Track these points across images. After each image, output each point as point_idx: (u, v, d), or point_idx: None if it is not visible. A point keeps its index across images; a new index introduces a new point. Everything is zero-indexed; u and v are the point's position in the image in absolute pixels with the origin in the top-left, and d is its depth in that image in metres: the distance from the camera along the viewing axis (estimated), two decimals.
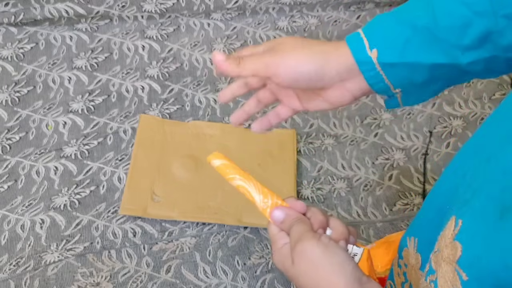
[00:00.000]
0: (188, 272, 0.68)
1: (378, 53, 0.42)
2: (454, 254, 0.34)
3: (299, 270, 0.41)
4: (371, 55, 0.42)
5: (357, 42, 0.43)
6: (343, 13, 1.01)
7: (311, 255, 0.41)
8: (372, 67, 0.43)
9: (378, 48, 0.42)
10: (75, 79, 0.87)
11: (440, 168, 0.83)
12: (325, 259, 0.40)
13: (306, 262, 0.41)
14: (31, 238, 0.71)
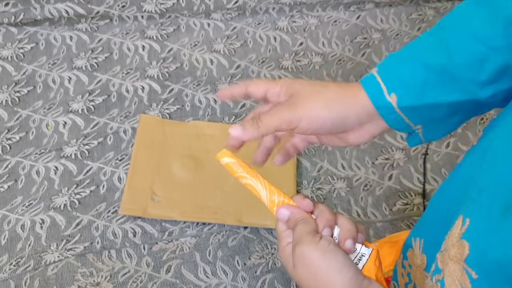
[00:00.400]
0: (188, 272, 0.68)
1: (397, 98, 0.42)
2: (461, 252, 0.34)
3: (299, 274, 0.41)
4: (390, 100, 0.43)
5: (374, 87, 0.43)
6: (343, 13, 1.01)
7: (309, 259, 0.40)
8: (392, 111, 0.43)
9: (397, 92, 0.42)
10: (75, 79, 0.87)
11: (440, 168, 0.83)
12: (323, 264, 0.40)
13: (304, 267, 0.41)
14: (31, 238, 0.71)
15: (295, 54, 0.95)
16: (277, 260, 0.70)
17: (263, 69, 0.93)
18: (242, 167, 0.47)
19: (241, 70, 0.92)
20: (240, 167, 0.47)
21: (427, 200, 0.80)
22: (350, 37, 0.99)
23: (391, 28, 1.01)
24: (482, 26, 0.41)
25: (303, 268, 0.41)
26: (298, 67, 0.94)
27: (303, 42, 0.97)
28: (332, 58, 0.96)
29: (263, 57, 0.94)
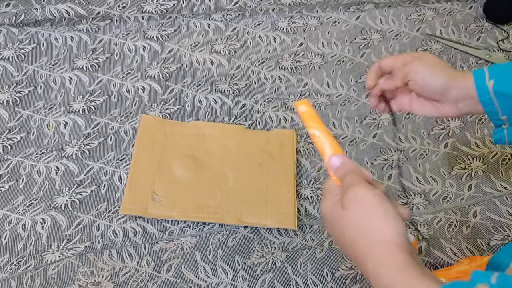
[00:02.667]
0: (189, 272, 0.68)
1: (494, 83, 0.51)
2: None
3: (349, 215, 0.41)
4: (488, 84, 0.51)
5: (480, 73, 0.52)
6: (343, 14, 1.01)
7: (364, 202, 0.41)
8: (487, 92, 0.52)
9: (495, 79, 0.51)
10: (76, 79, 0.87)
11: (439, 168, 0.84)
12: (379, 210, 0.40)
13: (358, 208, 0.41)
14: (32, 237, 0.71)
15: (294, 54, 0.96)
16: (277, 259, 0.71)
17: (263, 69, 0.93)
18: (315, 119, 0.50)
19: (241, 71, 0.92)
20: (313, 118, 0.50)
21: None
22: (349, 37, 0.99)
23: (391, 29, 1.01)
24: None
25: (357, 209, 0.41)
26: (298, 67, 0.94)
27: (302, 43, 0.97)
28: (331, 59, 0.96)
29: (263, 57, 0.95)
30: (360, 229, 0.40)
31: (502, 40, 1.02)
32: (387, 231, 0.39)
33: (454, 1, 1.06)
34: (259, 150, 0.81)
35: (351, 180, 0.43)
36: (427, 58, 0.55)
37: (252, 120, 0.86)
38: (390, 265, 0.38)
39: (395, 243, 0.39)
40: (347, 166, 0.46)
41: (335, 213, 0.43)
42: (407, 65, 0.55)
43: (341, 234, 0.42)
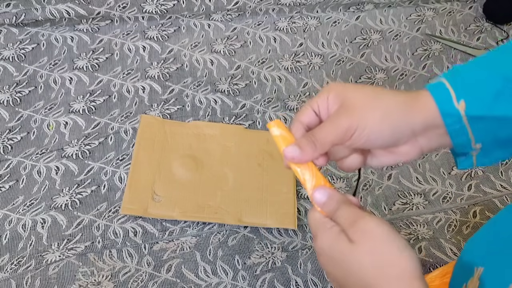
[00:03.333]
0: (189, 272, 0.68)
1: (466, 105, 0.38)
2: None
3: (361, 250, 0.36)
4: (458, 107, 0.38)
5: (442, 92, 0.39)
6: (343, 14, 1.01)
7: (377, 233, 0.36)
8: (458, 119, 0.39)
9: (466, 99, 0.38)
10: (76, 79, 0.88)
11: (439, 168, 0.84)
12: (393, 239, 0.36)
13: (372, 240, 0.36)
14: (32, 237, 0.71)
15: (294, 54, 0.96)
16: (277, 259, 0.71)
17: (263, 69, 0.93)
18: (290, 143, 0.42)
19: (241, 71, 0.92)
20: (289, 143, 0.43)
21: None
22: (349, 37, 0.99)
23: (390, 29, 1.01)
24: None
25: (370, 242, 0.36)
26: (298, 67, 0.94)
27: (302, 43, 0.97)
28: (331, 59, 0.96)
29: (263, 57, 0.95)
30: (375, 264, 0.36)
31: (502, 40, 1.02)
32: (404, 263, 0.36)
33: (454, 1, 1.06)
34: (259, 150, 0.81)
35: (351, 212, 0.38)
36: (354, 98, 0.40)
37: (252, 120, 0.86)
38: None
39: (414, 276, 0.35)
40: (335, 198, 0.40)
41: (340, 248, 0.37)
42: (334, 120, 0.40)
43: (348, 271, 0.37)
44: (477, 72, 0.39)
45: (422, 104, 0.39)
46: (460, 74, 0.40)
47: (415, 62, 0.98)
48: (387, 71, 0.96)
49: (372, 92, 0.40)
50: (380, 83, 0.94)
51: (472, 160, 0.43)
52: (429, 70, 0.97)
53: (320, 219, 0.40)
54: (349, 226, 0.38)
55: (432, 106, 0.39)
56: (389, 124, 0.39)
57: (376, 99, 0.40)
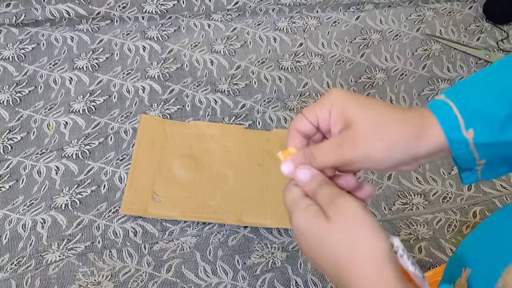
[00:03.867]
0: (189, 272, 0.68)
1: (475, 134, 0.37)
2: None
3: (336, 227, 0.37)
4: (467, 136, 0.38)
5: (451, 120, 0.38)
6: (342, 14, 1.01)
7: (354, 211, 0.37)
8: (465, 146, 0.38)
9: (475, 128, 0.37)
10: (76, 79, 0.88)
11: (439, 168, 0.84)
12: (367, 219, 0.36)
13: (346, 219, 0.37)
14: (32, 237, 0.71)
15: (294, 54, 0.96)
16: (277, 259, 0.71)
17: (263, 69, 0.93)
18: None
19: (241, 71, 0.92)
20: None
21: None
22: (349, 37, 0.99)
23: (390, 29, 1.01)
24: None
25: (346, 219, 0.36)
26: (298, 67, 0.94)
27: (302, 43, 0.97)
28: (331, 59, 0.96)
29: (263, 57, 0.95)
30: (347, 242, 0.36)
31: (502, 40, 1.02)
32: (376, 243, 0.36)
33: (454, 1, 1.06)
34: (259, 150, 0.81)
35: (333, 190, 0.38)
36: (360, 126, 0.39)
37: (252, 120, 0.86)
38: (378, 285, 0.35)
39: (384, 258, 0.36)
40: (318, 178, 0.40)
41: (315, 225, 0.37)
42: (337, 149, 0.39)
43: (321, 249, 0.37)
44: (485, 97, 0.38)
45: (430, 134, 0.39)
46: (468, 98, 0.39)
47: (415, 62, 0.98)
48: (387, 71, 0.96)
49: (378, 117, 0.39)
50: (380, 83, 0.94)
51: (477, 175, 0.42)
52: (429, 70, 0.97)
53: (297, 198, 0.40)
54: (327, 204, 0.38)
55: (439, 135, 0.38)
56: (393, 157, 0.39)
57: (382, 129, 0.39)
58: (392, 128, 0.39)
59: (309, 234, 0.38)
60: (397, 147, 0.38)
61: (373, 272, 0.35)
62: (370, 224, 0.36)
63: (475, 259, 0.42)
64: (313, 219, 0.38)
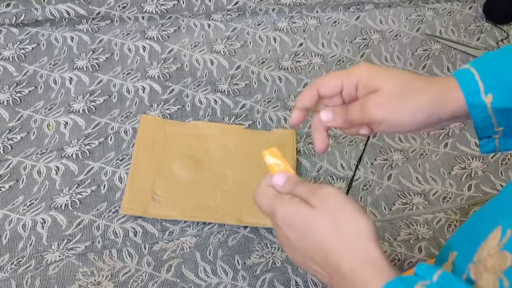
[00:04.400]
0: (189, 271, 0.68)
1: (493, 98, 0.40)
2: (501, 264, 0.33)
3: (321, 212, 0.38)
4: (485, 100, 0.40)
5: (471, 85, 0.40)
6: (343, 14, 1.01)
7: (336, 197, 0.39)
8: (484, 110, 0.40)
9: (494, 93, 0.40)
10: (76, 79, 0.88)
11: (439, 168, 0.84)
12: (350, 203, 0.38)
13: (331, 203, 0.38)
14: (32, 237, 0.71)
15: (294, 54, 0.96)
16: (277, 259, 0.71)
17: (263, 69, 0.93)
18: (286, 171, 0.45)
19: (241, 71, 0.92)
20: (284, 171, 0.45)
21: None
22: (349, 37, 0.99)
23: (390, 29, 1.01)
24: None
25: (330, 205, 0.38)
26: (298, 67, 0.94)
27: (302, 43, 0.97)
28: (331, 59, 0.96)
29: (263, 57, 0.95)
30: (334, 226, 0.38)
31: (502, 40, 1.02)
32: (362, 224, 0.37)
33: (454, 1, 1.06)
34: (259, 150, 0.81)
35: (310, 185, 0.41)
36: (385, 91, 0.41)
37: (252, 120, 0.86)
38: (366, 264, 0.37)
39: (370, 237, 0.37)
40: (293, 179, 0.42)
41: (301, 214, 0.39)
42: (362, 107, 0.42)
43: (309, 237, 0.39)
44: (507, 66, 0.40)
45: (453, 97, 0.40)
46: (491, 66, 0.40)
47: (415, 62, 0.98)
48: None
49: (402, 84, 0.41)
50: None
51: (495, 144, 0.44)
52: (429, 70, 0.97)
53: (275, 194, 0.43)
54: (309, 195, 0.40)
55: (460, 99, 0.40)
56: (418, 120, 0.41)
57: (406, 95, 0.40)
58: (416, 93, 0.41)
59: (296, 222, 0.39)
60: (420, 111, 0.40)
61: (360, 252, 0.37)
62: (353, 207, 0.38)
63: (460, 242, 0.44)
64: (298, 206, 0.39)
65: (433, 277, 0.35)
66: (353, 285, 0.37)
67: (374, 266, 0.36)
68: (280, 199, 0.42)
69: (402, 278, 0.35)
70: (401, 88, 0.41)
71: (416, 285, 0.35)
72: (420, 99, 0.41)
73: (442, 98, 0.41)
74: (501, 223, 0.36)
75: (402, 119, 0.41)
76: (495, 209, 0.41)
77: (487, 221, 0.38)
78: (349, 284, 0.37)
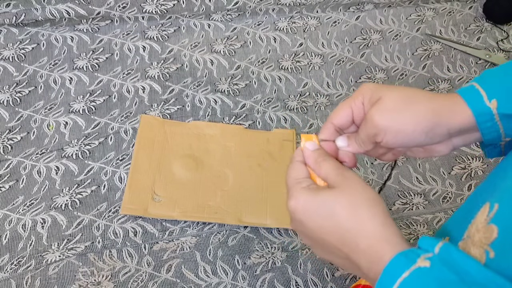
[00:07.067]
0: (189, 272, 0.68)
1: (498, 103, 0.40)
2: (488, 237, 0.34)
3: (342, 190, 0.40)
4: (490, 106, 0.40)
5: (473, 94, 0.41)
6: (343, 14, 1.01)
7: (358, 180, 0.41)
8: (491, 117, 0.40)
9: (498, 98, 0.40)
10: (76, 79, 0.88)
11: (439, 168, 0.84)
12: (369, 187, 0.41)
13: (354, 184, 0.40)
14: (32, 237, 0.71)
15: (294, 54, 0.96)
16: (277, 259, 0.71)
17: (263, 69, 0.93)
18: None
19: (241, 71, 0.92)
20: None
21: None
22: (349, 37, 0.99)
23: (390, 29, 1.01)
24: None
25: (351, 185, 0.41)
26: (298, 67, 0.94)
27: (302, 43, 0.97)
28: (331, 59, 0.96)
29: (263, 57, 0.95)
30: (353, 204, 0.39)
31: (502, 40, 1.02)
32: (380, 203, 0.39)
33: (454, 1, 1.06)
34: (259, 150, 0.81)
35: (337, 163, 0.43)
36: (388, 99, 0.41)
37: (252, 120, 0.86)
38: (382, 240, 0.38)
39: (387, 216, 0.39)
40: (323, 151, 0.45)
41: (320, 194, 0.41)
42: (367, 121, 0.42)
43: (326, 213, 0.40)
44: (505, 74, 0.41)
45: (459, 109, 0.41)
46: (490, 77, 0.41)
47: (415, 62, 0.98)
48: (387, 71, 0.96)
49: (406, 94, 0.42)
50: (380, 83, 0.94)
51: (500, 149, 0.44)
52: (429, 70, 0.97)
53: (300, 177, 0.44)
54: (332, 171, 0.42)
55: (466, 110, 0.40)
56: (422, 129, 0.41)
57: (409, 104, 0.41)
58: (419, 101, 0.41)
59: (312, 205, 0.41)
60: (424, 118, 0.40)
61: (377, 230, 0.38)
62: (372, 191, 0.40)
63: (452, 226, 0.45)
64: (315, 192, 0.41)
65: (435, 249, 0.36)
66: (371, 261, 0.38)
67: (389, 242, 0.38)
68: (301, 183, 0.43)
69: (404, 253, 0.36)
70: (404, 97, 0.42)
71: (419, 258, 0.35)
72: (423, 106, 0.41)
73: (447, 109, 0.41)
74: (488, 199, 0.37)
75: (405, 128, 0.41)
76: (484, 190, 0.42)
77: (477, 202, 0.39)
78: (366, 260, 0.38)
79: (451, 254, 0.35)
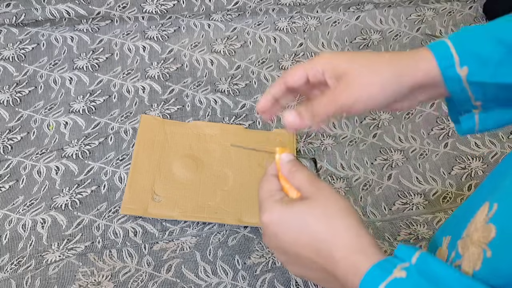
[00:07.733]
0: (189, 271, 0.68)
1: (469, 72, 0.39)
2: (486, 236, 0.34)
3: (316, 201, 0.41)
4: (460, 73, 0.40)
5: (446, 56, 0.40)
6: (343, 14, 1.01)
7: (331, 191, 0.41)
8: (459, 83, 0.40)
9: (470, 66, 0.39)
10: (76, 79, 0.88)
11: (439, 168, 0.84)
12: (342, 198, 0.41)
13: (327, 196, 0.41)
14: (32, 237, 0.71)
15: (294, 54, 0.96)
16: (277, 259, 0.71)
17: (263, 69, 0.93)
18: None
19: (241, 71, 0.92)
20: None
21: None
22: (349, 37, 0.99)
23: (390, 29, 1.01)
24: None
25: (324, 196, 0.41)
26: None
27: (302, 43, 0.97)
28: None
29: (263, 57, 0.95)
30: (326, 215, 0.39)
31: None
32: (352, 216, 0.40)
33: (454, 1, 1.06)
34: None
35: (311, 174, 0.43)
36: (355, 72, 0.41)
37: (252, 120, 0.86)
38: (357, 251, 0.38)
39: (361, 227, 0.39)
40: (297, 162, 0.45)
41: (293, 207, 0.41)
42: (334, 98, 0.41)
43: (300, 225, 0.40)
44: (482, 40, 0.40)
45: (423, 66, 0.40)
46: (466, 40, 0.41)
47: None
48: None
49: (368, 60, 0.42)
50: None
51: (474, 120, 0.43)
52: None
53: (273, 190, 0.45)
54: (306, 182, 0.42)
55: (433, 68, 0.40)
56: (386, 94, 0.41)
57: (373, 73, 0.41)
58: (383, 64, 0.41)
59: (287, 217, 0.41)
60: (390, 79, 0.40)
61: (353, 241, 0.38)
62: (345, 202, 0.41)
63: (453, 226, 0.45)
64: (289, 204, 0.41)
65: (412, 259, 0.36)
66: (347, 272, 0.38)
67: (365, 253, 0.38)
68: (274, 196, 0.44)
69: (380, 263, 0.36)
70: (367, 65, 0.41)
71: (395, 268, 0.35)
72: (387, 69, 0.41)
73: (411, 66, 0.41)
74: (488, 199, 0.37)
75: (372, 94, 0.41)
76: (484, 189, 0.42)
77: (477, 202, 0.39)
78: (343, 272, 0.38)
79: (429, 265, 0.35)
